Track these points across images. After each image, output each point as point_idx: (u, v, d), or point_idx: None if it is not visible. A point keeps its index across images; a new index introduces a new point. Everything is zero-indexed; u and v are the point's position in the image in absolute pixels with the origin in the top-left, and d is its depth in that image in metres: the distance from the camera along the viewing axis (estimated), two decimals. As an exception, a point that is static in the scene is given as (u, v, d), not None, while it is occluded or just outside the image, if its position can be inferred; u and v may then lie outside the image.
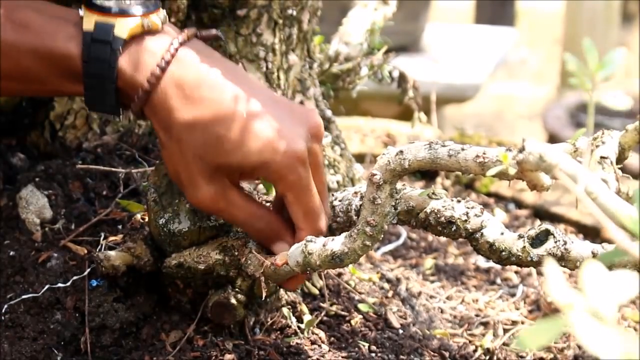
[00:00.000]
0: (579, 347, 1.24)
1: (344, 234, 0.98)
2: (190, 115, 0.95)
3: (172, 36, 0.98)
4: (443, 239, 1.51)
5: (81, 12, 0.98)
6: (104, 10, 0.97)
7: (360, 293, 1.23)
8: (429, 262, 1.43)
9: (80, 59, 0.97)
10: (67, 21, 0.98)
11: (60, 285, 1.12)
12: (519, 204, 1.68)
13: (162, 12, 1.00)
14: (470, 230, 0.97)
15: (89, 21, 0.97)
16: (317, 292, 1.20)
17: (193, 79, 0.96)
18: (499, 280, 1.42)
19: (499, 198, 1.70)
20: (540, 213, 1.65)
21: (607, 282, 0.48)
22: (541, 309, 1.34)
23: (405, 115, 1.75)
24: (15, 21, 0.97)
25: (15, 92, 1.08)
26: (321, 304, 1.18)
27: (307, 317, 1.14)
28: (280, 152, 0.95)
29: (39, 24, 0.97)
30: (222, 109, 0.95)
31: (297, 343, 1.11)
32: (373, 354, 1.12)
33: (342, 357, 1.10)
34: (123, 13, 0.97)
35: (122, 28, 0.97)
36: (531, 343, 0.47)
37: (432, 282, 1.38)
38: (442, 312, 1.30)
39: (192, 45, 0.99)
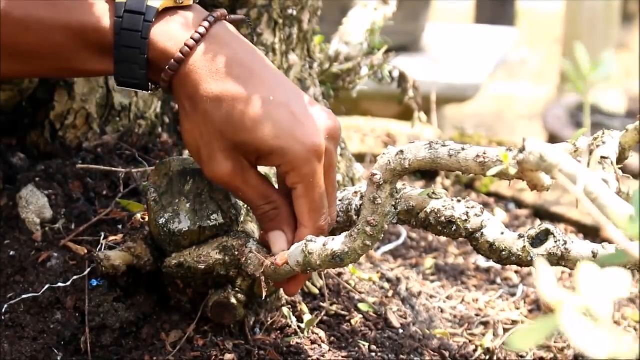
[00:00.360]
0: (579, 347, 1.24)
1: (344, 234, 0.98)
2: (218, 89, 0.96)
3: (204, 13, 1.00)
4: (443, 238, 1.51)
5: None
6: None
7: (360, 293, 1.23)
8: (429, 261, 1.43)
9: (113, 31, 0.97)
10: (98, 2, 0.99)
11: (60, 285, 1.12)
12: (519, 204, 1.68)
13: None
14: (471, 230, 0.97)
15: None
16: (317, 291, 1.20)
17: (224, 54, 0.97)
18: (499, 280, 1.42)
19: (499, 198, 1.70)
20: (541, 213, 1.65)
21: (601, 280, 0.48)
22: (541, 308, 1.34)
23: (406, 115, 1.75)
24: None
25: (42, 71, 1.08)
26: (321, 304, 1.18)
27: (307, 317, 1.14)
28: (300, 141, 0.96)
29: (71, 0, 0.98)
30: (249, 87, 0.97)
31: (297, 343, 1.11)
32: (373, 354, 1.12)
33: (342, 356, 1.10)
34: None
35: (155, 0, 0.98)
36: (523, 344, 0.47)
37: (432, 281, 1.38)
38: (442, 311, 1.30)
39: (223, 25, 1.00)
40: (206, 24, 0.98)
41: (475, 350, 1.20)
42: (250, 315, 1.13)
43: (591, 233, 1.57)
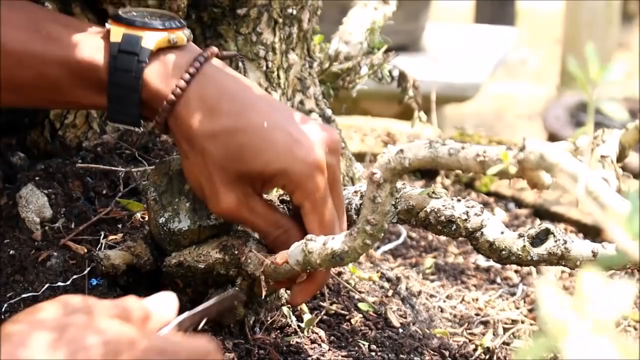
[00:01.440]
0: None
1: (344, 233, 0.98)
2: (213, 126, 0.97)
3: (196, 52, 1.01)
4: (443, 238, 1.51)
5: (108, 26, 1.01)
6: (131, 24, 1.00)
7: (360, 292, 1.23)
8: (429, 261, 1.43)
9: (107, 70, 0.99)
10: (95, 35, 1.01)
11: (60, 284, 1.12)
12: (519, 203, 1.68)
13: (188, 31, 1.03)
14: (471, 230, 0.97)
15: (117, 33, 1.00)
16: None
17: (216, 92, 0.99)
18: (499, 280, 1.42)
19: (499, 197, 1.70)
20: (541, 212, 1.65)
21: (605, 291, 0.48)
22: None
23: (405, 114, 1.75)
24: (43, 34, 1.00)
25: (36, 102, 1.10)
26: (321, 303, 1.18)
27: (307, 316, 1.14)
28: (299, 159, 0.97)
29: (67, 37, 1.00)
30: (242, 119, 0.98)
31: (297, 342, 1.11)
32: (373, 353, 1.12)
33: (342, 356, 1.10)
34: (150, 26, 1.00)
35: (149, 40, 0.99)
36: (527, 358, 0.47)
37: (432, 281, 1.38)
38: (442, 311, 1.30)
39: (215, 62, 1.02)
40: (197, 64, 0.99)
41: (475, 350, 1.20)
42: (250, 314, 1.12)
43: (591, 232, 1.57)
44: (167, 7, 1.18)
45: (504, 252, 0.96)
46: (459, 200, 0.99)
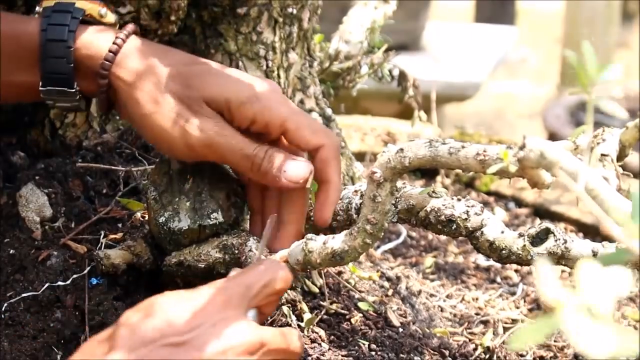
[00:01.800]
0: (579, 346, 1.24)
1: (344, 232, 0.98)
2: (169, 61, 0.99)
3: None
4: (443, 237, 1.51)
5: (39, 8, 1.03)
6: None
7: (360, 291, 1.23)
8: (429, 260, 1.43)
9: (39, 31, 1.00)
10: (26, 17, 1.04)
11: (60, 283, 1.11)
12: (519, 203, 1.68)
13: (115, 15, 1.07)
14: (471, 229, 0.97)
15: (49, 2, 1.02)
16: (317, 290, 1.20)
17: (155, 44, 1.02)
18: (499, 279, 1.42)
19: (499, 197, 1.70)
20: (541, 212, 1.65)
21: (602, 279, 0.48)
22: (541, 307, 1.34)
23: (406, 113, 1.75)
24: None
25: None
26: (321, 303, 1.18)
27: (307, 316, 1.14)
28: (267, 87, 0.98)
29: None
30: (195, 55, 1.02)
31: (297, 341, 1.11)
32: (373, 353, 1.12)
33: (342, 355, 1.10)
34: None
35: (81, 4, 1.02)
36: (523, 343, 0.47)
37: (432, 280, 1.38)
38: (442, 310, 1.30)
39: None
40: (128, 29, 1.02)
41: (475, 349, 1.20)
42: (250, 313, 1.12)
43: (591, 232, 1.57)
44: (167, 6, 1.18)
45: (504, 252, 0.96)
46: (459, 200, 0.99)
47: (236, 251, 1.04)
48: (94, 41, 1.00)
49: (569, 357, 1.22)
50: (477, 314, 1.30)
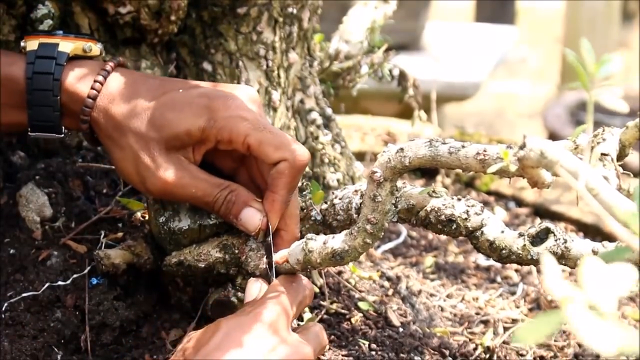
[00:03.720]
0: (579, 346, 1.24)
1: (344, 232, 0.98)
2: (134, 105, 1.00)
3: (108, 58, 1.07)
4: (443, 237, 1.51)
5: (23, 43, 1.05)
6: (47, 33, 1.06)
7: (360, 291, 1.23)
8: (429, 260, 1.43)
9: (25, 77, 1.03)
10: (9, 54, 1.05)
11: (60, 283, 1.12)
12: (519, 202, 1.68)
13: (100, 45, 1.09)
14: (471, 229, 0.97)
15: (33, 44, 1.05)
16: (317, 290, 1.20)
17: (131, 80, 1.03)
18: (499, 279, 1.42)
19: (499, 196, 1.70)
20: (541, 211, 1.65)
21: (606, 275, 0.48)
22: (541, 307, 1.34)
23: (406, 113, 1.75)
24: None
25: None
26: (321, 302, 1.18)
27: (307, 315, 1.14)
28: (222, 110, 0.99)
29: None
30: (159, 90, 1.01)
31: (297, 341, 1.11)
32: (373, 352, 1.12)
33: (342, 355, 1.10)
34: (65, 35, 1.05)
35: (65, 46, 1.04)
36: (529, 338, 0.47)
37: (433, 280, 1.38)
38: (442, 310, 1.30)
39: (122, 67, 1.07)
40: (110, 64, 1.04)
41: (475, 349, 1.20)
42: (250, 313, 1.12)
43: (591, 231, 1.57)
44: (167, 6, 1.18)
45: (504, 251, 0.96)
46: (459, 200, 0.99)
47: (236, 251, 1.04)
48: (76, 85, 1.03)
49: (569, 357, 1.22)
50: (477, 313, 1.30)
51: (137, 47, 1.24)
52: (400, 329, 1.18)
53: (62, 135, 1.05)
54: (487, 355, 1.20)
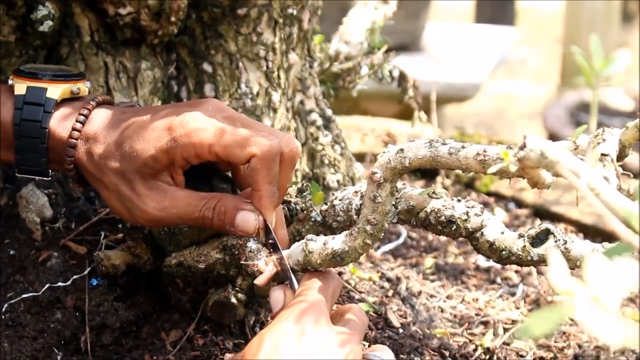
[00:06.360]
0: (579, 347, 1.24)
1: (344, 233, 0.98)
2: (107, 144, 1.01)
3: (89, 97, 1.06)
4: (443, 238, 1.51)
5: (11, 81, 1.05)
6: (35, 77, 1.05)
7: (360, 292, 1.23)
8: (429, 261, 1.43)
9: (12, 122, 1.03)
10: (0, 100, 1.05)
11: (60, 284, 1.12)
12: (519, 204, 1.68)
13: (88, 83, 1.08)
14: (471, 230, 0.97)
15: (20, 87, 1.04)
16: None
17: (107, 121, 1.03)
18: (499, 280, 1.42)
19: (499, 197, 1.70)
20: (541, 212, 1.65)
21: (610, 271, 0.48)
22: (541, 307, 1.34)
23: (406, 114, 1.75)
24: None
25: None
26: (321, 303, 1.18)
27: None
28: (184, 126, 0.98)
29: None
30: (127, 123, 1.01)
31: (297, 342, 1.11)
32: (373, 353, 1.12)
33: (343, 356, 1.10)
34: (54, 79, 1.05)
35: (53, 92, 1.04)
36: (533, 331, 0.47)
37: (432, 281, 1.38)
38: (442, 311, 1.30)
39: (104, 104, 1.07)
40: (89, 105, 1.04)
41: (475, 350, 1.20)
42: (250, 314, 1.12)
43: (591, 232, 1.57)
44: (167, 6, 1.18)
45: (504, 252, 0.96)
46: (459, 201, 0.99)
47: (236, 252, 1.04)
48: (60, 129, 1.03)
49: (569, 358, 1.22)
50: (477, 314, 1.30)
51: (137, 48, 1.24)
52: (400, 330, 1.18)
53: (49, 178, 1.05)
54: (487, 356, 1.20)
